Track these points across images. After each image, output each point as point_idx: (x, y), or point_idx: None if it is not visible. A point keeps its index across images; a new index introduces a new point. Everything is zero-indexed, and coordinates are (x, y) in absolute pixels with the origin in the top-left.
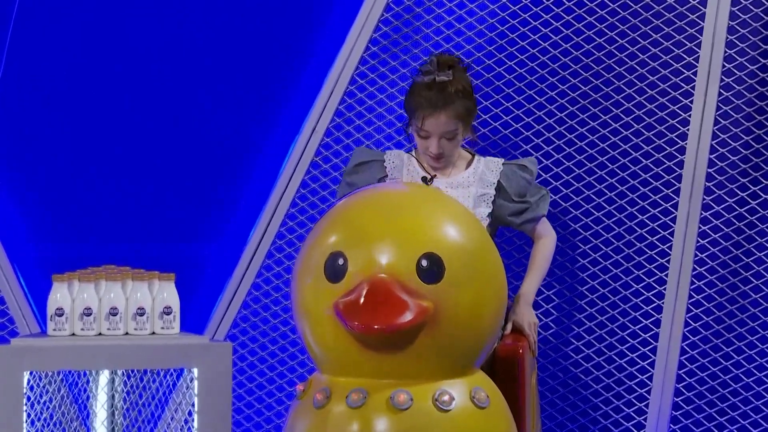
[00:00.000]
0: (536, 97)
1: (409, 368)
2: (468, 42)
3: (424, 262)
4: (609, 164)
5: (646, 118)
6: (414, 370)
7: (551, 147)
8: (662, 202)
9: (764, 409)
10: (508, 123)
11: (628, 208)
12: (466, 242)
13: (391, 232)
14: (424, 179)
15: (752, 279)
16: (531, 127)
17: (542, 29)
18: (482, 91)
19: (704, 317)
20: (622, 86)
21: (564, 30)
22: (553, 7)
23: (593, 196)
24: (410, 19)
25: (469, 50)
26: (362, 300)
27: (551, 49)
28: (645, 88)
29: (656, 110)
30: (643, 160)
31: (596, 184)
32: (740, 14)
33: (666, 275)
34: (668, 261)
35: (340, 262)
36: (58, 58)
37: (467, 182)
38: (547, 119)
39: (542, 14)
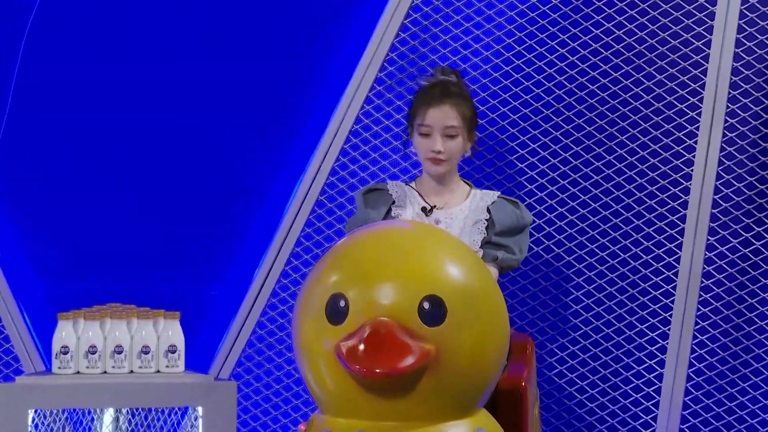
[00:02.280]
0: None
1: (411, 411)
2: (473, 82)
3: (426, 305)
4: (613, 204)
5: (651, 159)
6: (416, 413)
7: (555, 187)
8: (666, 243)
9: None
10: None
11: (633, 248)
12: (468, 283)
13: (393, 273)
14: (423, 210)
15: (756, 320)
16: (535, 167)
17: (546, 69)
18: (487, 131)
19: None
20: (627, 126)
21: (568, 71)
22: (558, 48)
23: (597, 236)
24: (415, 59)
25: (475, 90)
26: (364, 344)
27: (555, 90)
28: (649, 128)
29: (660, 150)
30: (648, 201)
31: (600, 224)
32: (744, 56)
33: (670, 315)
34: (672, 301)
35: (342, 303)
36: (64, 92)
37: (464, 213)
38: (551, 159)
39: (547, 54)
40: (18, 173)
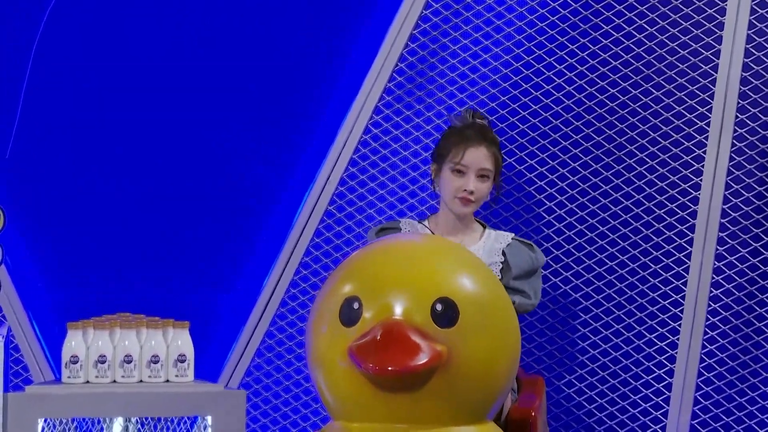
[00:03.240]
0: (549, 147)
1: (422, 413)
2: (482, 92)
3: (439, 306)
4: (622, 214)
5: (660, 168)
6: (427, 415)
7: (564, 197)
8: (675, 252)
9: None
10: (522, 173)
11: (641, 258)
12: (480, 289)
13: (406, 276)
14: None
15: (765, 329)
16: (544, 177)
17: (555, 80)
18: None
19: (718, 367)
20: (635, 136)
21: (577, 80)
22: (567, 58)
23: (607, 246)
24: (424, 69)
25: (483, 100)
26: (376, 342)
27: (564, 99)
28: (658, 138)
29: (670, 160)
30: (657, 210)
31: (609, 234)
32: (753, 65)
33: (679, 325)
34: (681, 311)
35: (355, 306)
36: (74, 104)
37: (477, 254)
38: (560, 169)
39: (556, 65)
40: (27, 183)
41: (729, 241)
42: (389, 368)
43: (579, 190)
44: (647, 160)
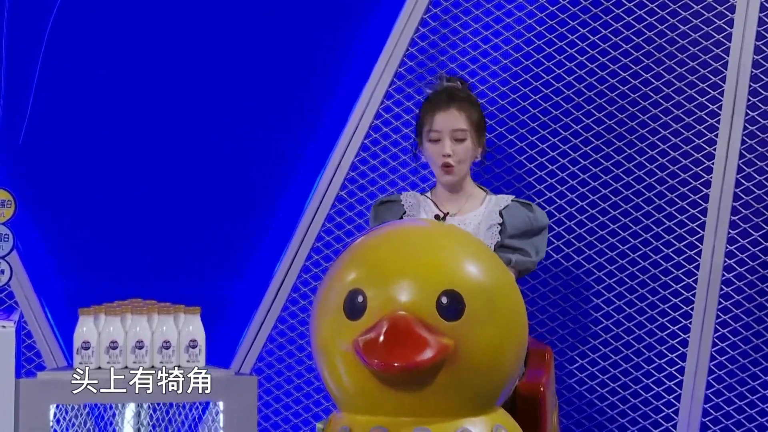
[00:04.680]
0: (561, 131)
1: (429, 406)
2: (493, 76)
3: (444, 299)
4: (634, 198)
5: (671, 152)
6: (434, 408)
7: (576, 180)
8: (687, 236)
9: None
10: (534, 157)
11: (654, 241)
12: (486, 280)
13: (411, 268)
14: (437, 217)
15: None
16: (555, 161)
17: (567, 63)
18: (506, 125)
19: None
20: (647, 120)
21: (588, 64)
22: (578, 42)
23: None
24: (435, 53)
25: (494, 84)
26: (382, 337)
27: (576, 84)
28: (670, 122)
29: (681, 144)
30: (668, 194)
31: (621, 218)
32: (765, 48)
33: (693, 295)
34: (693, 294)
35: (360, 299)
36: (85, 91)
37: (478, 219)
38: (572, 153)
39: (567, 48)
40: (39, 172)
41: (741, 224)
42: (395, 364)
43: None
44: (659, 143)
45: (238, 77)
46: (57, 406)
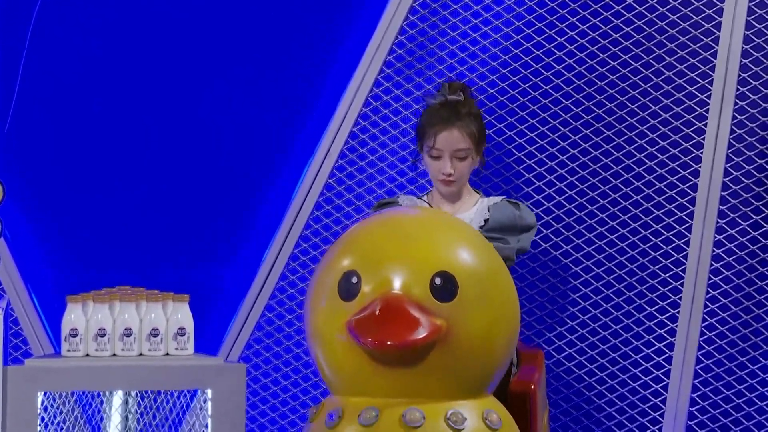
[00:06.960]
0: (550, 119)
1: (421, 387)
2: (482, 65)
3: (438, 280)
4: (623, 187)
5: (660, 141)
6: (426, 389)
7: (565, 170)
8: (676, 225)
9: None
10: (522, 146)
11: (642, 231)
12: (479, 263)
13: (405, 250)
14: None
15: (766, 303)
16: (544, 150)
17: (556, 52)
18: (495, 113)
19: (718, 340)
20: (636, 109)
21: (578, 53)
22: (567, 30)
23: (607, 219)
24: (424, 41)
25: (483, 73)
26: (375, 317)
27: (565, 72)
28: (659, 111)
29: (670, 133)
30: (657, 183)
31: (610, 207)
32: (754, 38)
33: (680, 298)
34: (681, 284)
35: (354, 280)
36: (75, 79)
37: (469, 218)
38: (561, 142)
39: (556, 37)
40: (28, 161)
41: (730, 213)
42: (388, 342)
43: (579, 163)
44: (647, 132)
45: (226, 65)
46: (45, 394)
